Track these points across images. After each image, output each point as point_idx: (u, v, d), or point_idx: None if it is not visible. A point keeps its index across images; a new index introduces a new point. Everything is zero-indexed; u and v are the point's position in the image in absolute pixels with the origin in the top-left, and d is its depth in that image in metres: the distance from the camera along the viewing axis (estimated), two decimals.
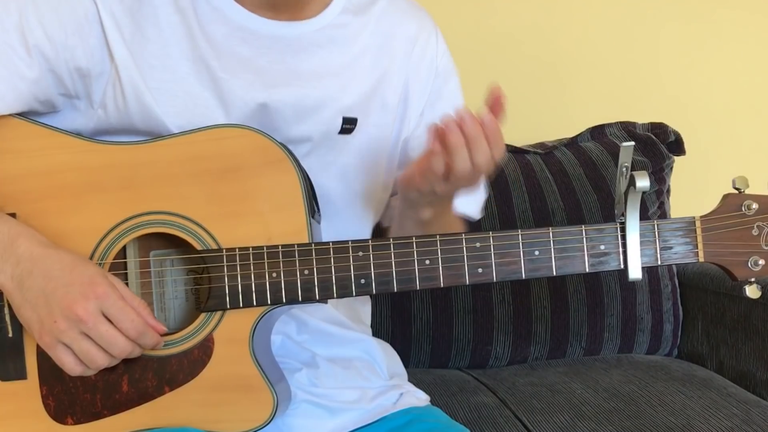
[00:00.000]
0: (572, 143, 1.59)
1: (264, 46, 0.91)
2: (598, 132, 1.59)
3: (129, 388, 0.83)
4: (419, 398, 0.99)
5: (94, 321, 0.77)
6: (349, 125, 0.95)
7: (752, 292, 0.88)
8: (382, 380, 0.99)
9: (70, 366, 0.78)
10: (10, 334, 0.83)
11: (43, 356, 0.82)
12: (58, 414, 0.83)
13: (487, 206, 1.46)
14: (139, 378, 0.82)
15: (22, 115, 0.87)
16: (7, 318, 0.83)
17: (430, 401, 1.01)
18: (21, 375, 0.83)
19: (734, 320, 1.39)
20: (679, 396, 1.23)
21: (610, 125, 1.59)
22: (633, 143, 0.82)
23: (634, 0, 1.84)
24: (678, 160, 1.54)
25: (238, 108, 0.89)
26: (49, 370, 0.83)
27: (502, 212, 1.46)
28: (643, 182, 0.80)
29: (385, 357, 1.02)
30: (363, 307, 1.07)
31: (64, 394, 0.83)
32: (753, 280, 0.88)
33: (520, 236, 0.85)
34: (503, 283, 1.42)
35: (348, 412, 0.93)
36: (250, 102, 0.89)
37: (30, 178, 0.85)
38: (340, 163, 0.96)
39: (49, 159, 0.85)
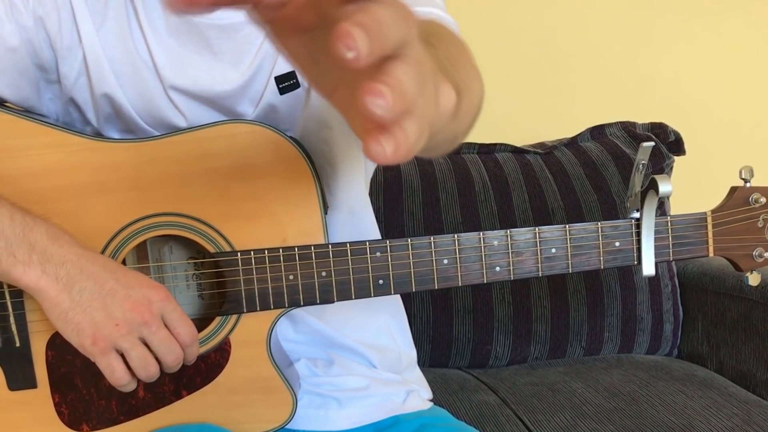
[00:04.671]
0: (572, 143, 1.59)
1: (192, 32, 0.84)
2: (598, 132, 1.59)
3: (145, 393, 0.81)
4: (423, 398, 0.98)
5: (157, 325, 0.74)
6: (287, 81, 0.84)
7: (754, 279, 0.91)
8: (386, 372, 0.96)
9: (119, 374, 0.74)
10: (18, 344, 0.80)
11: (53, 364, 0.80)
12: (72, 421, 0.81)
13: (487, 206, 1.46)
14: (155, 383, 0.80)
15: (13, 110, 0.82)
16: (14, 327, 0.80)
17: (432, 400, 0.99)
18: (31, 384, 0.81)
19: (734, 320, 1.39)
20: (680, 396, 1.23)
21: (610, 125, 1.59)
22: (653, 143, 0.82)
23: (634, 0, 1.85)
24: (678, 160, 1.54)
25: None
26: (60, 378, 0.81)
27: (502, 212, 1.46)
28: (665, 187, 0.80)
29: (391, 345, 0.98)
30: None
31: (78, 401, 0.81)
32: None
33: (537, 234, 0.84)
34: (503, 282, 1.41)
35: (356, 401, 0.91)
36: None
37: (27, 179, 0.79)
38: (311, 117, 0.86)
39: (47, 158, 0.80)
